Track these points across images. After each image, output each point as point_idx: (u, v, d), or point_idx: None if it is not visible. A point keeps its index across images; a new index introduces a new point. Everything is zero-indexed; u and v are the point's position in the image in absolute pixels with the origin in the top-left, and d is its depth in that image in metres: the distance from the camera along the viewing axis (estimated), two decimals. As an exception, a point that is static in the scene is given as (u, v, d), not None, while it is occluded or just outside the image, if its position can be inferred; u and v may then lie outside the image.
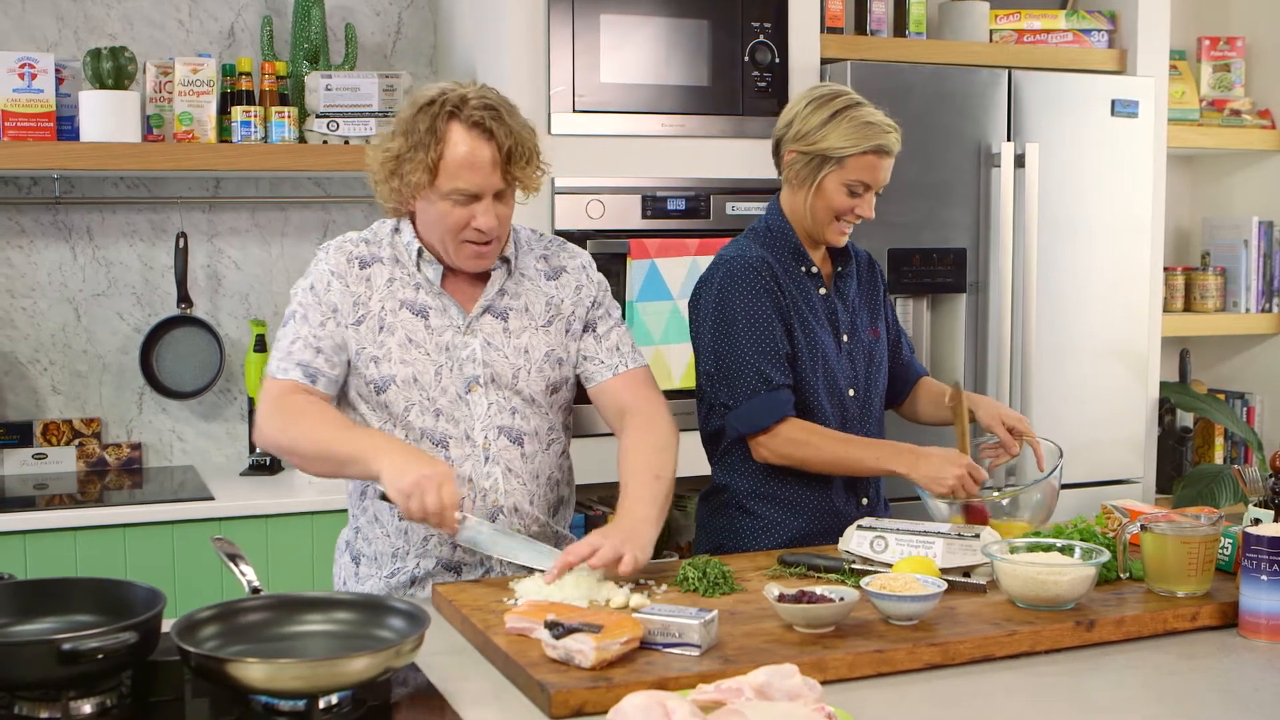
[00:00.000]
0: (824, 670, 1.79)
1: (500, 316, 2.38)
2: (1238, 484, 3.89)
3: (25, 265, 3.64)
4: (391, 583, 2.36)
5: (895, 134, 2.55)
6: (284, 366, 2.31)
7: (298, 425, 2.25)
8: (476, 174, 2.24)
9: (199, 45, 3.74)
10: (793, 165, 2.58)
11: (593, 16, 3.37)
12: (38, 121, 3.33)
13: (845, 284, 2.69)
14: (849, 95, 2.56)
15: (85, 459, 3.66)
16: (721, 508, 2.68)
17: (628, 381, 2.45)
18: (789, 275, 2.60)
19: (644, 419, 2.41)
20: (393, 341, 2.32)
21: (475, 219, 2.26)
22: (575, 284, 2.46)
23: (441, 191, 2.25)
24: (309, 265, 2.39)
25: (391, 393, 2.31)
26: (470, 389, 2.34)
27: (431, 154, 2.23)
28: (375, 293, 2.33)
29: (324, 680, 1.59)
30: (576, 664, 1.75)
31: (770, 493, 2.62)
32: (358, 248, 2.37)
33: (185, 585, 3.14)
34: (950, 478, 2.43)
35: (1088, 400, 3.91)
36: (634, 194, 3.44)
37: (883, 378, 2.74)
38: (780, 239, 2.63)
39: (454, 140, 2.23)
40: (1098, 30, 4.07)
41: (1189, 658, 1.93)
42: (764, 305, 2.55)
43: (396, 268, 2.36)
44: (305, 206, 3.86)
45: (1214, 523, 2.12)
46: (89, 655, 1.56)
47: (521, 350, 2.37)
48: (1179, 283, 4.47)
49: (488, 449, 2.34)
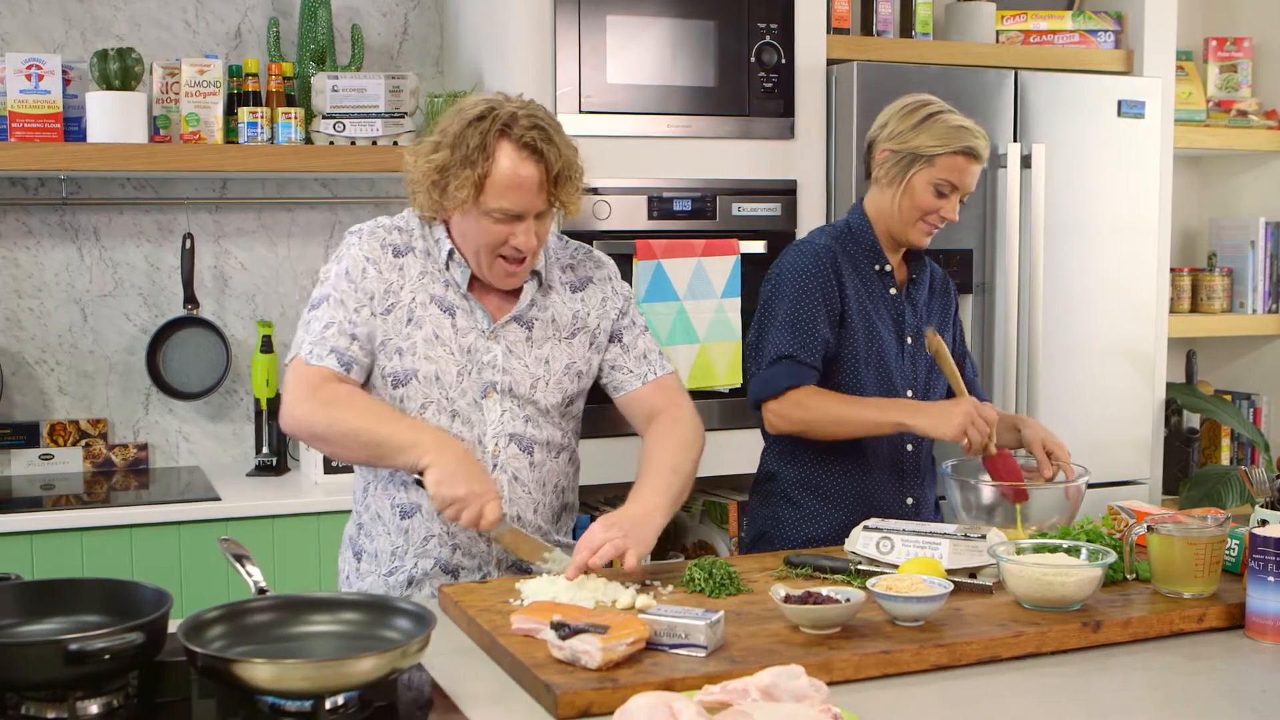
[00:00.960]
0: (830, 671, 1.79)
1: (525, 325, 2.37)
2: (1244, 485, 3.88)
3: (32, 266, 3.64)
4: (390, 581, 2.36)
5: (985, 141, 2.62)
6: (317, 352, 2.27)
7: (336, 411, 2.23)
8: (522, 195, 2.23)
9: (205, 46, 3.75)
10: (884, 164, 2.65)
11: (599, 17, 3.37)
12: (45, 122, 3.33)
13: (917, 290, 2.75)
14: (941, 103, 2.65)
15: (92, 459, 3.67)
16: (769, 497, 2.76)
17: (657, 387, 2.47)
18: (857, 271, 2.68)
19: (670, 418, 2.44)
20: (419, 335, 2.31)
21: (515, 237, 2.26)
22: (601, 296, 2.46)
23: (485, 208, 2.24)
24: (339, 249, 2.37)
25: (412, 387, 2.31)
26: (486, 394, 2.33)
27: (479, 170, 2.21)
28: (407, 283, 2.32)
29: (330, 681, 1.59)
30: (583, 665, 1.75)
31: (816, 483, 2.68)
32: (391, 235, 2.36)
33: (192, 586, 3.14)
34: (958, 417, 2.46)
35: (1094, 401, 3.91)
36: (640, 195, 3.44)
37: (943, 385, 2.75)
38: (858, 236, 2.70)
39: (503, 159, 2.22)
40: (1104, 31, 4.06)
41: (1195, 659, 1.93)
42: (811, 289, 2.61)
43: (428, 261, 2.35)
44: (312, 207, 3.87)
45: (1220, 524, 2.12)
46: (96, 656, 1.56)
47: (542, 361, 2.37)
48: (1185, 283, 4.46)
49: (496, 456, 2.34)
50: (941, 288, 2.82)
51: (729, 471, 3.51)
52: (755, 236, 3.53)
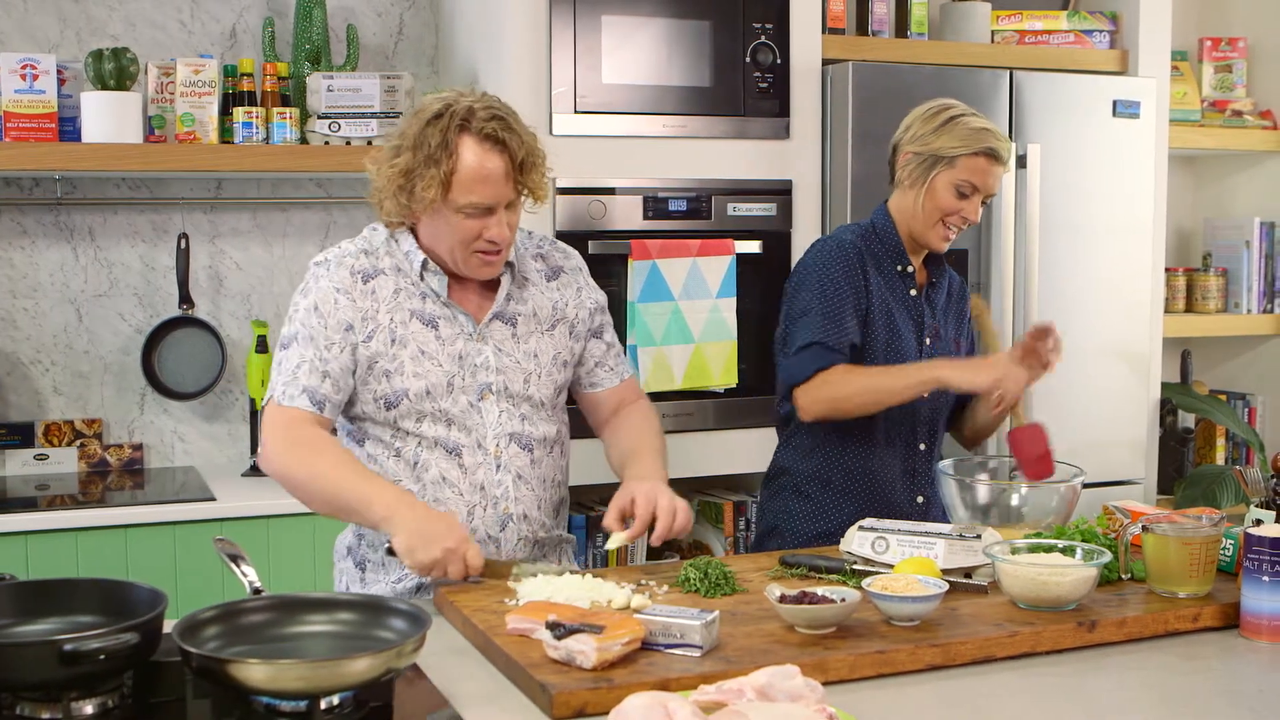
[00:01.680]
0: (825, 671, 1.79)
1: (509, 322, 2.38)
2: (1239, 485, 3.88)
3: (27, 266, 3.64)
4: (398, 588, 2.35)
5: (1006, 143, 2.65)
6: (289, 393, 2.26)
7: (309, 462, 2.22)
8: (491, 187, 2.23)
9: (201, 46, 3.75)
10: (907, 165, 2.69)
11: (594, 17, 3.37)
12: (40, 122, 3.33)
13: (936, 293, 2.78)
14: (964, 106, 2.69)
15: (87, 460, 3.67)
16: (779, 491, 2.79)
17: (629, 385, 2.56)
18: (880, 269, 2.71)
19: (644, 408, 2.54)
20: (405, 354, 2.30)
21: (488, 230, 2.25)
22: (576, 287, 2.47)
23: (455, 205, 2.23)
24: (305, 282, 2.34)
25: (404, 407, 2.30)
26: (483, 396, 2.33)
27: (444, 168, 2.20)
28: (382, 305, 2.31)
29: (325, 681, 1.59)
30: (578, 665, 1.75)
31: (827, 478, 2.71)
32: (358, 260, 2.33)
33: (187, 586, 3.14)
34: (994, 369, 2.51)
35: (1089, 401, 3.91)
36: (635, 195, 3.44)
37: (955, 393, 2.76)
38: (883, 235, 2.74)
39: (467, 154, 2.21)
40: (1099, 31, 4.07)
41: (1190, 659, 1.93)
42: (839, 280, 2.64)
43: (400, 278, 2.33)
44: (307, 207, 3.86)
45: (1215, 524, 2.12)
46: (90, 656, 1.56)
47: (531, 355, 2.38)
48: (1180, 283, 4.47)
49: (499, 456, 2.34)
50: (959, 294, 2.85)
51: (724, 471, 3.51)
52: (750, 236, 3.53)
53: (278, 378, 2.30)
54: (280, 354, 2.31)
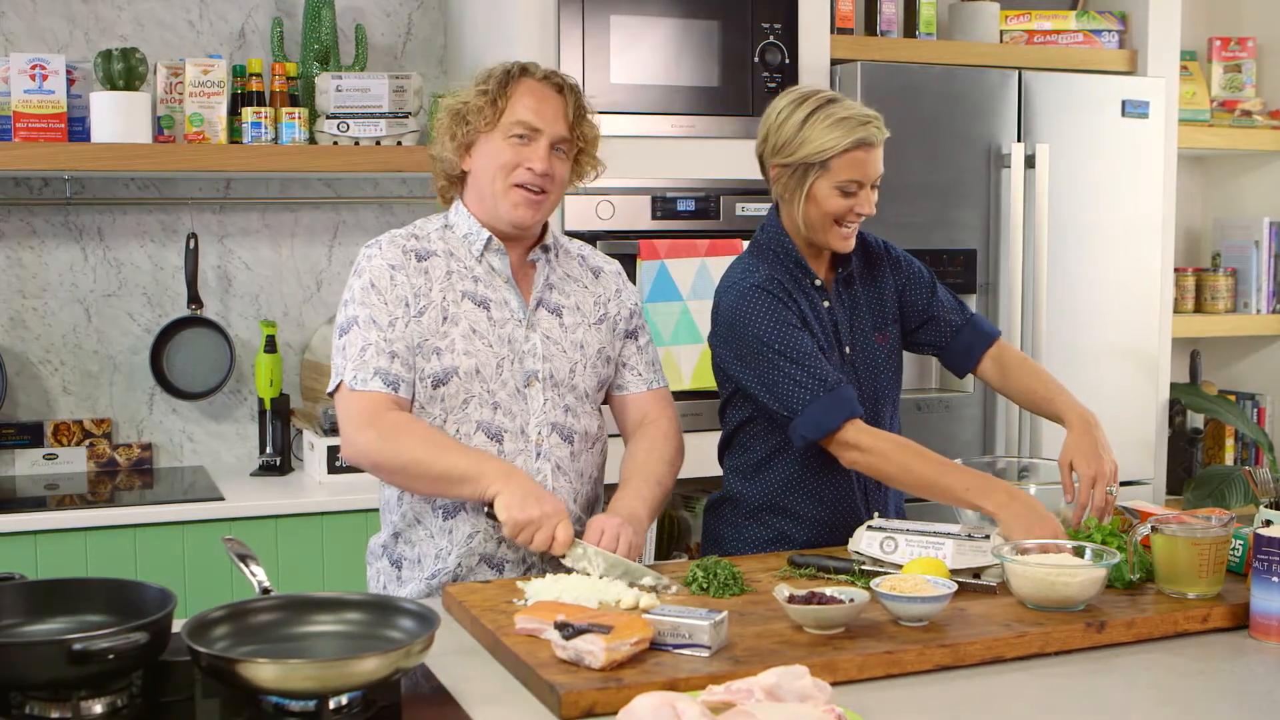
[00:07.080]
0: (834, 671, 1.79)
1: (555, 313, 2.40)
2: (1248, 485, 3.89)
3: (36, 266, 3.64)
4: (433, 584, 2.34)
5: (875, 123, 2.43)
6: (362, 377, 2.26)
7: (400, 442, 2.23)
8: (544, 109, 2.31)
9: (209, 46, 3.75)
10: (779, 180, 2.49)
11: (603, 17, 3.37)
12: (49, 122, 3.33)
13: (846, 289, 2.59)
14: (820, 94, 2.45)
15: (96, 459, 3.67)
16: (730, 516, 2.62)
17: (657, 396, 2.53)
18: (799, 288, 2.51)
19: (661, 432, 2.48)
20: (456, 332, 2.31)
21: (531, 160, 2.29)
22: (615, 288, 2.50)
23: (504, 126, 2.30)
24: (357, 263, 2.36)
25: (453, 385, 2.30)
26: (529, 383, 2.34)
27: (500, 104, 2.30)
28: (435, 284, 2.33)
29: (334, 681, 1.59)
30: (586, 665, 1.75)
31: (782, 505, 2.56)
32: (410, 241, 2.37)
33: (196, 586, 3.14)
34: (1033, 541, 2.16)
35: (1098, 401, 3.85)
36: (644, 195, 3.44)
37: (894, 386, 2.64)
38: (783, 255, 2.53)
39: (523, 89, 2.32)
40: (1108, 31, 4.06)
41: (1200, 660, 1.93)
42: (786, 317, 2.45)
43: (452, 260, 2.36)
44: (316, 207, 3.87)
45: (1225, 524, 2.12)
46: (100, 655, 1.56)
47: (577, 345, 2.40)
48: (1189, 284, 4.46)
49: (540, 445, 2.35)
50: (877, 269, 2.61)
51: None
52: (759, 236, 3.53)
53: (344, 362, 2.29)
54: (341, 339, 2.31)
